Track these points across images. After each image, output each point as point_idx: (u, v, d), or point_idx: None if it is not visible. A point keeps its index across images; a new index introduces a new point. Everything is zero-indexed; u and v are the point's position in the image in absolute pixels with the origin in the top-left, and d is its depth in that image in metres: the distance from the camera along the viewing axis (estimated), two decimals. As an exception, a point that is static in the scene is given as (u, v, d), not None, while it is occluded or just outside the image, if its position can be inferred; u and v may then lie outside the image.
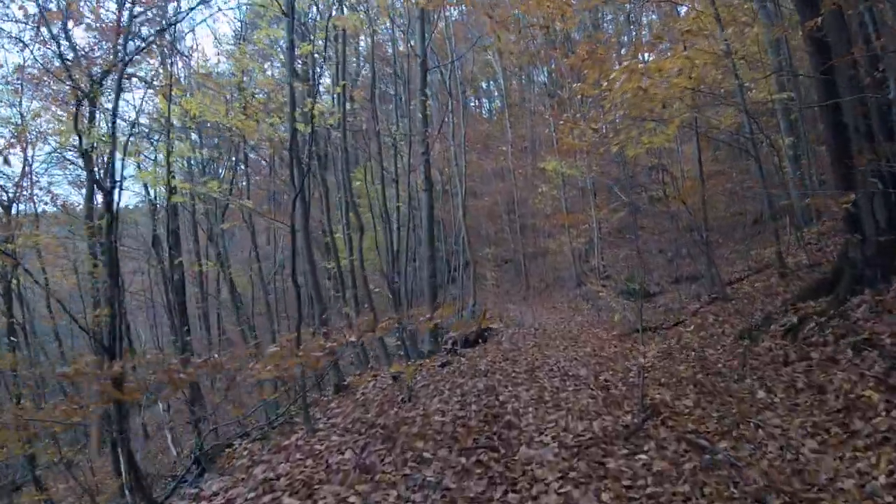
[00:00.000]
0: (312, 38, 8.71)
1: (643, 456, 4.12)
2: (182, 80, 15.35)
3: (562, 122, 9.09)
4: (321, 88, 16.45)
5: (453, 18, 24.72)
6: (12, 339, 13.55)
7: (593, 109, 9.49)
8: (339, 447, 4.52)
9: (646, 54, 7.71)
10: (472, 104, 35.32)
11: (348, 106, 18.11)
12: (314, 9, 14.01)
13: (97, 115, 14.94)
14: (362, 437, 4.66)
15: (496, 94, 33.45)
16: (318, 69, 10.13)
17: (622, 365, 7.27)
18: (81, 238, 17.04)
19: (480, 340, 9.90)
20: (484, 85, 34.76)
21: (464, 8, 27.17)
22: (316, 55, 10.21)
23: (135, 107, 15.79)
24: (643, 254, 19.66)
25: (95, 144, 14.34)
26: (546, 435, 4.46)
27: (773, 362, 6.49)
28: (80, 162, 16.02)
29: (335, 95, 10.35)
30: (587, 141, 10.80)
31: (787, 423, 4.90)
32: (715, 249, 12.93)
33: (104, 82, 15.25)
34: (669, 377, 6.42)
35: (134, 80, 15.50)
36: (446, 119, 12.10)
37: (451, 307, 9.31)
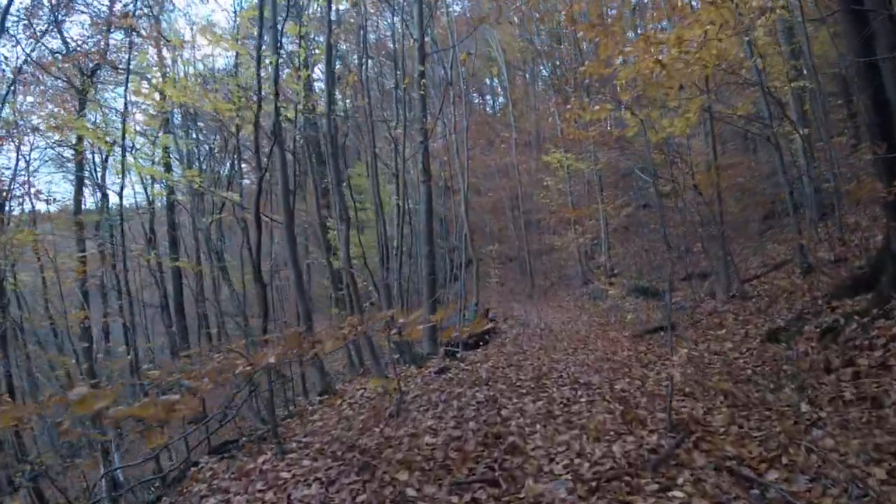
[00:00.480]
0: (302, 21, 7.89)
1: (678, 493, 3.25)
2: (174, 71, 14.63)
3: (569, 107, 8.21)
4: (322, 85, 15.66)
5: (455, 14, 23.90)
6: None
7: (603, 91, 8.61)
8: (307, 476, 3.69)
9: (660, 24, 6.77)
10: (477, 101, 34.48)
11: (348, 103, 17.32)
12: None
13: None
14: (336, 463, 3.82)
15: (500, 90, 32.56)
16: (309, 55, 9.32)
17: (639, 371, 6.40)
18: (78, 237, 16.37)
19: (481, 343, 9.06)
20: (487, 81, 33.88)
21: (466, 3, 26.37)
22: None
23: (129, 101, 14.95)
24: (650, 250, 18.75)
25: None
26: (557, 463, 3.61)
27: (813, 369, 5.61)
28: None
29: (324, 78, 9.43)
30: (595, 131, 9.89)
31: (843, 444, 4.01)
32: (728, 245, 12.01)
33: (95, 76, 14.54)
34: (695, 386, 5.55)
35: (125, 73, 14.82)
36: (445, 108, 11.24)
37: (446, 309, 8.46)
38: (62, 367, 12.56)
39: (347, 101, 17.51)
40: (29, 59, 14.34)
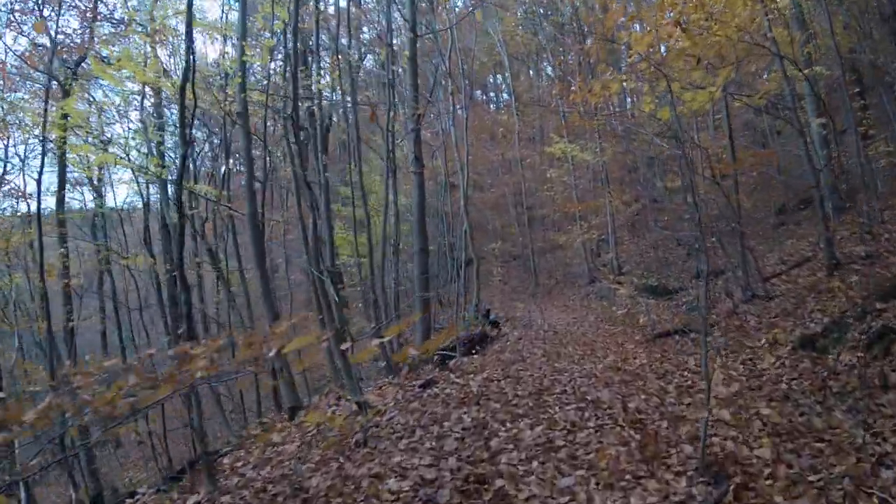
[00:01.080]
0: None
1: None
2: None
3: (574, 88, 7.22)
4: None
5: (457, 7, 22.92)
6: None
7: (611, 70, 7.59)
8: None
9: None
10: (481, 99, 33.51)
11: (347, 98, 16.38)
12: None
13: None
14: (271, 518, 2.89)
15: (504, 87, 31.51)
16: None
17: (655, 384, 5.42)
18: (74, 237, 15.63)
19: (474, 351, 8.07)
20: (491, 79, 32.90)
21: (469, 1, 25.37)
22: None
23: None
24: (659, 247, 17.68)
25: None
26: (557, 524, 2.65)
27: (865, 385, 4.60)
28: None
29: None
30: (602, 118, 8.86)
31: (927, 491, 3.05)
32: (747, 240, 10.96)
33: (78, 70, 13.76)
34: (724, 406, 4.56)
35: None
36: (442, 94, 10.30)
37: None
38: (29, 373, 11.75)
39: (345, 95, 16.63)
40: (10, 52, 13.63)
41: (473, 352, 7.99)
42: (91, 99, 14.82)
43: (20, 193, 13.59)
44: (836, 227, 10.55)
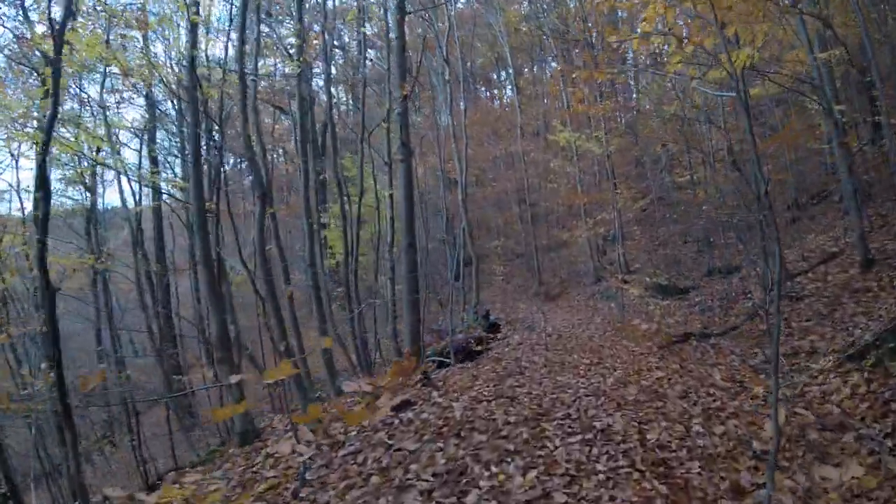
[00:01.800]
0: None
1: None
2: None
3: (581, 65, 6.19)
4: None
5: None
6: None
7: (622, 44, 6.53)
8: None
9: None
10: (485, 95, 32.49)
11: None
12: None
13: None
14: None
15: (507, 83, 30.39)
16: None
17: (677, 405, 4.39)
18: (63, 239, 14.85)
19: (469, 359, 7.07)
20: (494, 76, 31.86)
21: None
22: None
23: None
24: (668, 243, 16.59)
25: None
26: None
27: (945, 412, 3.57)
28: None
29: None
30: (608, 104, 7.81)
31: None
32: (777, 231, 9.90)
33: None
34: (766, 443, 3.52)
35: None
36: (440, 87, 9.32)
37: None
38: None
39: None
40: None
41: (465, 360, 6.99)
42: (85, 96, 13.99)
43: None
44: (864, 221, 9.47)
